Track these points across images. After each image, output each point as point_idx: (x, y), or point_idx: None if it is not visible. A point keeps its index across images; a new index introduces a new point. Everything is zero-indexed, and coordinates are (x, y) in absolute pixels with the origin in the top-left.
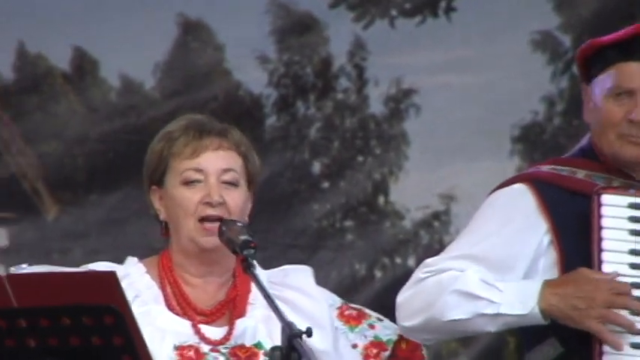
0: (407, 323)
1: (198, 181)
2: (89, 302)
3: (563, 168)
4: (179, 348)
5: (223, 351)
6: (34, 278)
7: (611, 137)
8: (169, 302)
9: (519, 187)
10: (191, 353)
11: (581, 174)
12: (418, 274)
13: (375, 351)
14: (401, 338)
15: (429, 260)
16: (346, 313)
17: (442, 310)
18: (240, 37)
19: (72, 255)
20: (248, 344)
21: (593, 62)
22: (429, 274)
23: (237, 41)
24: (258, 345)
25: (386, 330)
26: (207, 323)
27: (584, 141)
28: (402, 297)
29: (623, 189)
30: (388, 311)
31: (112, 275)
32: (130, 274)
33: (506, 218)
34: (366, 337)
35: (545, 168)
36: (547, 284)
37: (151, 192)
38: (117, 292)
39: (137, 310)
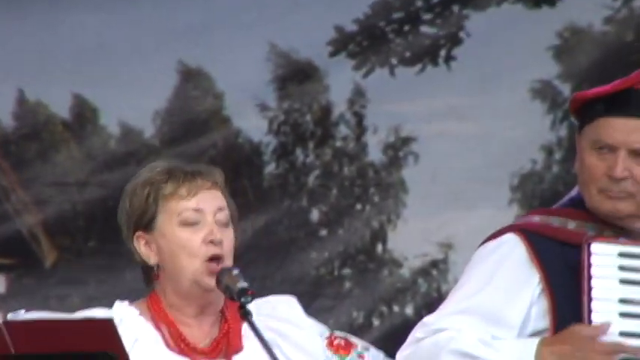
0: None
1: (196, 222)
2: (87, 349)
3: (554, 218)
4: None
5: None
6: (32, 325)
7: (592, 191)
8: (167, 343)
9: (510, 238)
10: None
11: (572, 224)
12: (416, 333)
13: None
14: None
15: (426, 319)
16: (335, 342)
17: None
18: (239, 85)
19: (70, 301)
20: None
21: (582, 114)
22: (426, 335)
23: (236, 89)
24: None
25: (375, 359)
26: None
27: (573, 192)
28: (401, 356)
29: (613, 238)
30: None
31: (109, 322)
32: (124, 318)
33: (498, 270)
34: None
35: (536, 218)
36: (543, 343)
37: (135, 238)
38: (114, 338)
39: (139, 353)
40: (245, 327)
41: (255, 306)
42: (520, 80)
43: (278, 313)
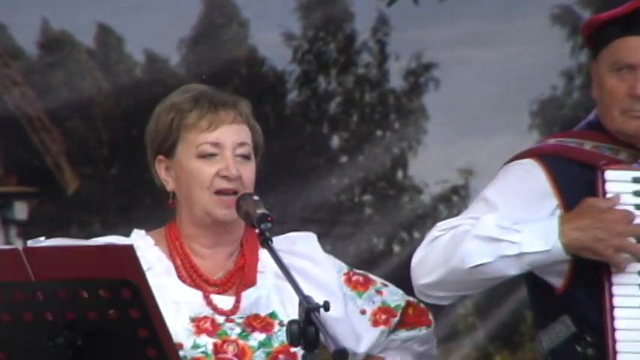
0: (424, 281)
1: (214, 154)
2: (106, 276)
3: (570, 140)
4: (195, 320)
5: (238, 321)
6: (52, 251)
7: (615, 113)
8: (180, 274)
9: (529, 162)
10: (207, 325)
11: (588, 145)
12: (431, 233)
13: (384, 317)
14: (408, 304)
15: (441, 222)
16: (353, 279)
17: (463, 258)
18: (264, 13)
19: (90, 228)
20: (263, 314)
21: (596, 39)
22: (443, 232)
23: (261, 17)
24: (273, 315)
25: (393, 296)
26: (218, 293)
27: (591, 115)
28: (417, 257)
29: (627, 164)
30: (406, 286)
31: (129, 248)
32: (139, 247)
33: (518, 192)
34: (374, 302)
35: (552, 141)
36: (563, 220)
37: (156, 162)
38: (134, 265)
39: (150, 282)
40: (262, 262)
41: (275, 242)
42: (541, 6)
43: (296, 249)
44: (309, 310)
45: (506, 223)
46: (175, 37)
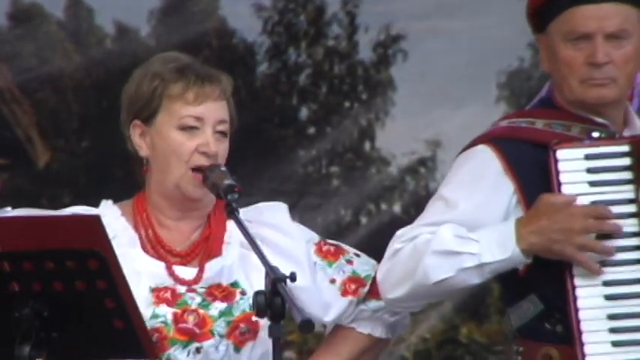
0: (392, 295)
1: (195, 127)
2: (73, 246)
3: (521, 120)
4: (155, 290)
5: (200, 291)
6: (18, 222)
7: (574, 83)
8: (144, 245)
9: (482, 149)
10: (167, 295)
11: (540, 124)
12: (393, 246)
13: (353, 286)
14: None
15: (400, 231)
16: (324, 248)
17: (425, 274)
18: None
19: (60, 201)
20: (225, 283)
21: (546, 10)
22: (403, 244)
23: None
24: (235, 284)
25: (364, 266)
26: (181, 264)
27: (542, 92)
28: (382, 271)
29: (579, 140)
30: (373, 257)
31: (96, 219)
32: (105, 216)
33: (473, 182)
34: (344, 272)
35: (504, 123)
36: (520, 223)
37: (131, 126)
38: (101, 236)
39: None
40: (229, 233)
41: (243, 212)
42: None
43: (263, 219)
44: (276, 280)
45: (464, 233)
46: (145, 8)
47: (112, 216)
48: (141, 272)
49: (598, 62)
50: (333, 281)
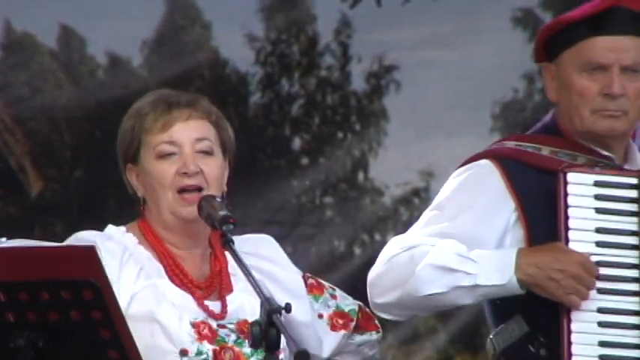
0: (380, 300)
1: (172, 153)
2: (68, 277)
3: (527, 144)
4: (195, 325)
5: (230, 327)
6: (14, 252)
7: (585, 113)
8: (170, 275)
9: (486, 164)
10: (206, 331)
11: (545, 151)
12: (388, 251)
13: (341, 321)
14: (359, 309)
15: (398, 237)
16: (309, 282)
17: (417, 286)
18: (227, 15)
19: (53, 230)
20: (250, 319)
21: (560, 39)
22: (400, 251)
23: (224, 19)
24: None
25: (345, 300)
26: (204, 297)
27: (546, 118)
28: (374, 274)
29: (588, 167)
30: (367, 288)
31: (91, 250)
32: (127, 245)
33: (474, 195)
34: (329, 306)
35: (510, 144)
36: (522, 253)
37: (127, 171)
38: (96, 266)
39: (144, 283)
40: (231, 264)
41: (237, 244)
42: (502, 9)
43: (261, 252)
44: (271, 312)
45: (464, 251)
46: (138, 38)
47: (131, 244)
48: (178, 305)
49: (614, 94)
50: (320, 316)
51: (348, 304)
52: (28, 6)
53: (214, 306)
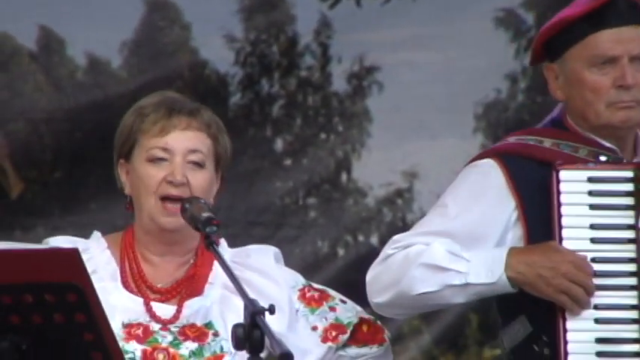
0: (377, 299)
1: (163, 159)
2: (51, 280)
3: (530, 137)
4: (127, 325)
5: (172, 330)
6: None
7: (600, 107)
8: (125, 279)
9: (488, 163)
10: (139, 331)
11: (547, 143)
12: (386, 250)
13: (334, 333)
14: (362, 321)
15: (397, 236)
16: (308, 295)
17: (410, 285)
18: (206, 16)
19: (34, 232)
20: (199, 324)
21: (562, 38)
22: (396, 250)
23: (203, 20)
24: (209, 325)
25: (347, 312)
26: (161, 301)
27: (555, 112)
28: (372, 274)
29: (583, 162)
30: (350, 289)
31: (74, 252)
32: (90, 248)
33: (476, 195)
34: (326, 319)
35: (512, 139)
36: (513, 252)
37: (118, 165)
38: (79, 269)
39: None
40: (214, 273)
41: (231, 254)
42: (484, 9)
43: (249, 262)
44: (255, 313)
45: (457, 250)
46: (117, 40)
47: (97, 248)
48: (116, 307)
49: (628, 85)
50: (315, 328)
51: (349, 316)
52: (7, 7)
53: (166, 310)
